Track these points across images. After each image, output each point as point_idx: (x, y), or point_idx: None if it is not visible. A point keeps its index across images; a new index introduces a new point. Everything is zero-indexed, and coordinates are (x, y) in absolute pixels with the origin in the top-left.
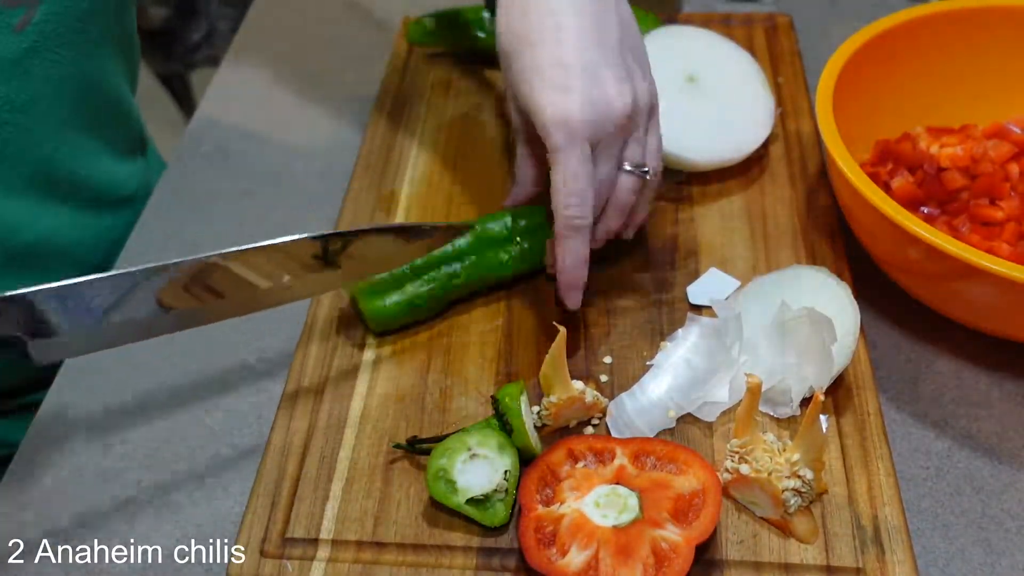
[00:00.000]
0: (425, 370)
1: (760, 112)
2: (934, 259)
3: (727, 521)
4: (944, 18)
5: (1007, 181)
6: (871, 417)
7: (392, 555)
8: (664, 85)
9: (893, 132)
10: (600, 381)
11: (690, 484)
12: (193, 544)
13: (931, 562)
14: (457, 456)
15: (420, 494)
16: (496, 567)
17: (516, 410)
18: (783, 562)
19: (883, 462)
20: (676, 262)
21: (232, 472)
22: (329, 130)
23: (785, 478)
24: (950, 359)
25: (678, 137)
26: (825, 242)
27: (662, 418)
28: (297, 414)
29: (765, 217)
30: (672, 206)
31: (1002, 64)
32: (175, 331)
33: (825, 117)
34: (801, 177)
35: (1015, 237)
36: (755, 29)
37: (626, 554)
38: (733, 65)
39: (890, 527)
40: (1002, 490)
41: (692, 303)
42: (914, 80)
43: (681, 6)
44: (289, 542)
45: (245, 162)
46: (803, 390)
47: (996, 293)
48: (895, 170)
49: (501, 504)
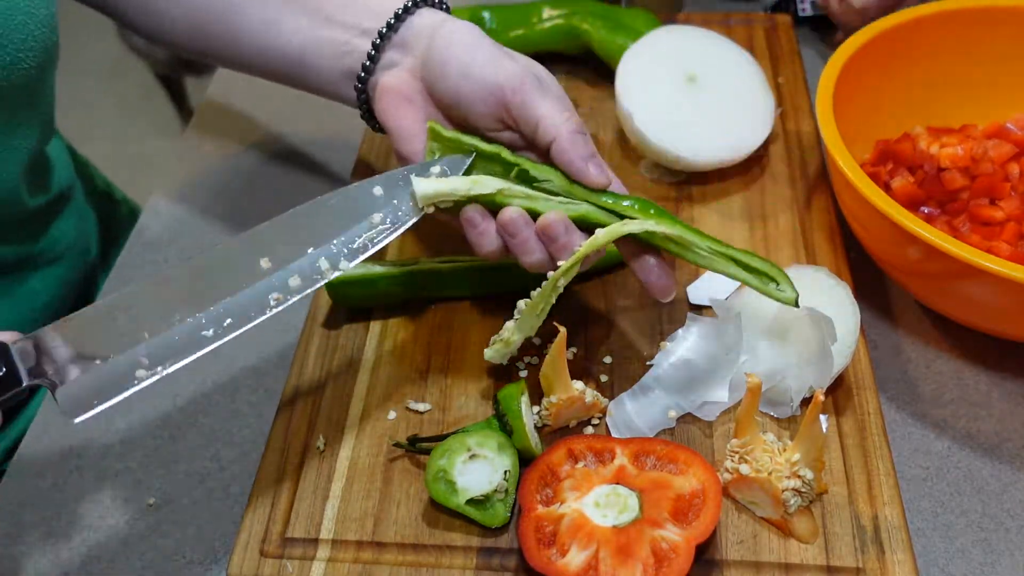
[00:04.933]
0: (425, 370)
1: (760, 112)
2: (934, 259)
3: (727, 521)
4: (944, 18)
5: (1007, 181)
6: (871, 417)
7: (392, 555)
8: (664, 85)
9: (893, 132)
10: (600, 381)
11: (690, 484)
12: (193, 544)
13: (931, 562)
14: (457, 456)
15: (420, 494)
16: (496, 567)
17: (516, 410)
18: (783, 562)
19: (883, 462)
20: (676, 262)
21: (232, 472)
22: (329, 130)
23: (785, 478)
24: (950, 359)
25: (678, 137)
26: (825, 242)
27: (662, 418)
28: (297, 414)
29: (765, 217)
30: (672, 206)
31: (1002, 64)
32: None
33: (825, 117)
34: (801, 177)
35: (1015, 237)
36: (755, 29)
37: (626, 554)
38: (733, 65)
39: (890, 527)
40: (1002, 490)
41: (692, 303)
42: (914, 80)
43: (681, 6)
44: (289, 542)
45: (245, 162)
46: (803, 390)
47: (996, 293)
48: (895, 170)
49: (501, 504)
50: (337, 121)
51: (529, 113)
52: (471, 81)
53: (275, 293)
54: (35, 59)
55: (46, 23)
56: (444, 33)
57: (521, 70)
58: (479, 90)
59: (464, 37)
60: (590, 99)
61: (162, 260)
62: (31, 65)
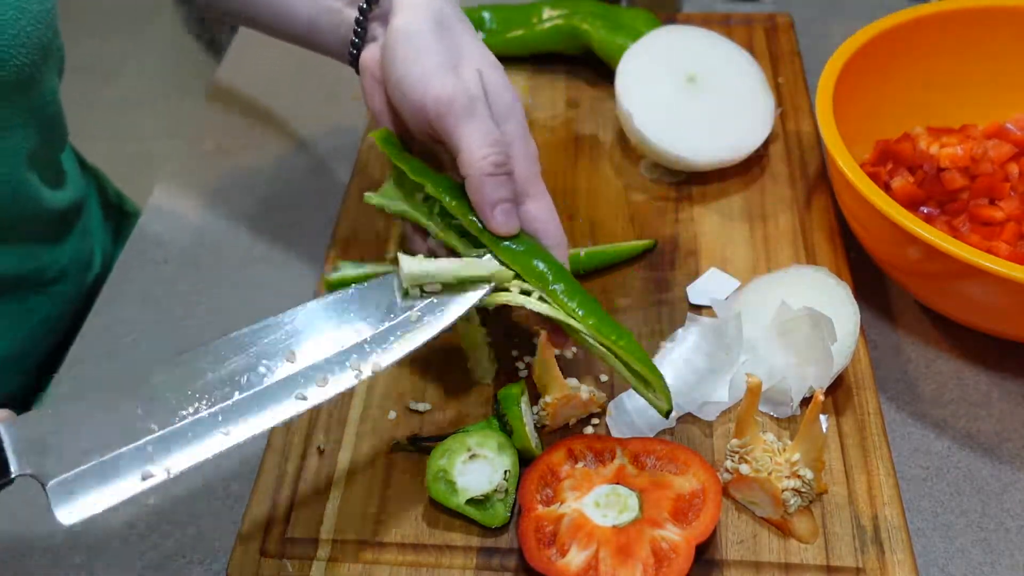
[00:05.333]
0: (425, 370)
1: (760, 112)
2: (934, 259)
3: (727, 521)
4: (944, 18)
5: (1007, 181)
6: (871, 417)
7: (392, 555)
8: (664, 85)
9: (893, 132)
10: (600, 380)
11: (690, 484)
12: (193, 544)
13: (931, 562)
14: (457, 456)
15: (420, 494)
16: (496, 567)
17: (516, 411)
18: (783, 562)
19: (883, 462)
20: (676, 262)
21: (232, 472)
22: (329, 130)
23: (785, 478)
24: (950, 359)
25: (678, 137)
26: (825, 242)
27: (662, 418)
28: None
29: (765, 217)
30: (672, 206)
31: (1002, 64)
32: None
33: (825, 117)
34: (801, 177)
35: (1015, 237)
36: (755, 29)
37: (626, 554)
38: (733, 65)
39: (890, 527)
40: (1002, 490)
41: (692, 303)
42: (914, 80)
43: (681, 6)
44: (289, 542)
45: (245, 162)
46: (803, 390)
47: (996, 293)
48: (895, 170)
49: (501, 504)
50: (337, 121)
51: (451, 141)
52: (402, 94)
53: (297, 395)
54: (27, 56)
55: (40, 19)
56: (393, 29)
57: (452, 91)
58: (408, 106)
59: (407, 44)
60: (590, 99)
61: (162, 260)
62: (24, 62)
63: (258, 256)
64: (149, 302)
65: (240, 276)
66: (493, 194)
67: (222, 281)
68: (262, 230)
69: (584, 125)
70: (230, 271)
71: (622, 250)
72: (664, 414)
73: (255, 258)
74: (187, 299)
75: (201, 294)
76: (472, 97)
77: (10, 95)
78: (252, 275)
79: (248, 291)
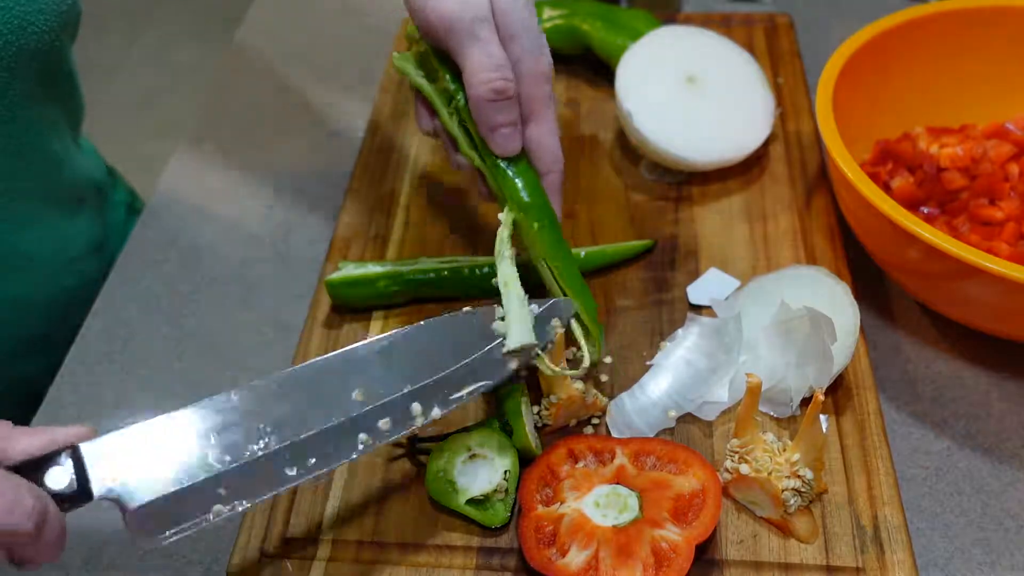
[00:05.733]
0: None
1: (760, 112)
2: (934, 259)
3: (727, 521)
4: (944, 18)
5: (1007, 181)
6: (871, 417)
7: (392, 555)
8: (664, 85)
9: (893, 132)
10: (600, 381)
11: (690, 484)
12: (193, 544)
13: (931, 562)
14: (457, 456)
15: (420, 494)
16: (496, 567)
17: (516, 411)
18: (783, 562)
19: (883, 462)
20: (676, 262)
21: None
22: (329, 130)
23: (785, 478)
24: (950, 359)
25: (678, 137)
26: (825, 242)
27: (662, 418)
28: None
29: (765, 217)
30: (672, 206)
31: (1002, 64)
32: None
33: (825, 117)
34: (801, 177)
35: (1014, 237)
36: (755, 29)
37: (626, 554)
38: (733, 65)
39: (890, 527)
40: (1002, 490)
41: (692, 303)
42: (914, 80)
43: (681, 6)
44: (289, 542)
45: (245, 161)
46: (803, 390)
47: (996, 293)
48: (895, 170)
49: (501, 504)
50: (337, 121)
51: (457, 60)
52: (413, 10)
53: (364, 435)
54: (46, 23)
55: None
56: None
57: (459, 11)
58: (419, 22)
59: None
60: (590, 99)
61: (162, 259)
62: (43, 28)
63: (258, 256)
64: (149, 302)
65: (240, 276)
66: (492, 119)
67: (222, 281)
68: (262, 230)
69: (584, 125)
70: (230, 271)
71: (622, 250)
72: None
73: (255, 258)
74: (187, 299)
75: (201, 294)
76: (475, 18)
77: (30, 63)
78: (252, 275)
79: (248, 291)
